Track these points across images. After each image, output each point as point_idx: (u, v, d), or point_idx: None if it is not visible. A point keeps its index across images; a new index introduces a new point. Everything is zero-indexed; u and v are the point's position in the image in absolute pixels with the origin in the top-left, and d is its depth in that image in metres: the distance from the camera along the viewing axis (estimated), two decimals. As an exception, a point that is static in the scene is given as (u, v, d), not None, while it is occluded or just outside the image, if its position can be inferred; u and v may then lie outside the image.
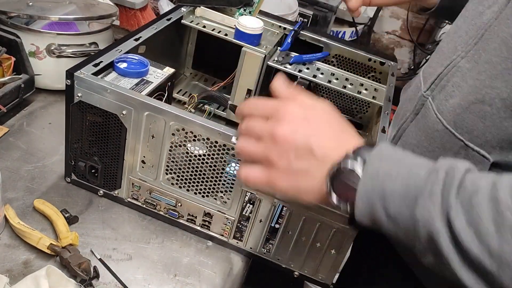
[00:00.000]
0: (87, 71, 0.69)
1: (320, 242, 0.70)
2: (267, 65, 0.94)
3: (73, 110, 0.71)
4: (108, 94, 0.67)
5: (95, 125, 0.71)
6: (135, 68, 0.76)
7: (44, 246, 0.67)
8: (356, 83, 0.95)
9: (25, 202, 0.75)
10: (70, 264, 0.64)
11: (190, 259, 0.73)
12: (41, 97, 0.98)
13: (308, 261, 0.73)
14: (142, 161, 0.72)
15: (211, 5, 0.98)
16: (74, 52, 0.96)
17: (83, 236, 0.71)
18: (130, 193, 0.77)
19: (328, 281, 0.74)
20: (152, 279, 0.69)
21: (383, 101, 0.88)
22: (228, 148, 0.66)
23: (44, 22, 0.99)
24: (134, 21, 1.18)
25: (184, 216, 0.76)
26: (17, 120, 0.91)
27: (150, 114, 0.67)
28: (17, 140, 0.86)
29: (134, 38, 0.81)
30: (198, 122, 0.66)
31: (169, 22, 0.90)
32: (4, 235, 0.69)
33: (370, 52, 1.00)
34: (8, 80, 0.89)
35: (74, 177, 0.78)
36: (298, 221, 0.69)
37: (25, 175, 0.80)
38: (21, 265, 0.66)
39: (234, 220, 0.73)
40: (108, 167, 0.75)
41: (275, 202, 0.68)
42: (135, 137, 0.70)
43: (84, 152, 0.75)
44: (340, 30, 2.15)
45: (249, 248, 0.75)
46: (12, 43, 0.90)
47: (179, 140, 0.68)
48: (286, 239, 0.72)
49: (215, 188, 0.71)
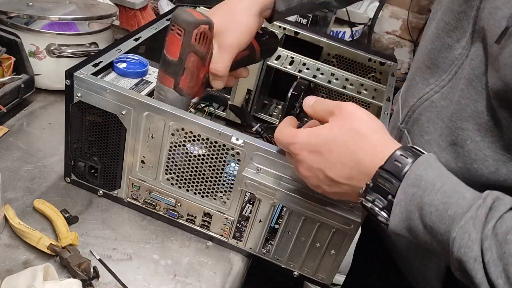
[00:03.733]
0: (87, 71, 0.69)
1: (320, 242, 0.70)
2: (267, 65, 0.94)
3: (72, 110, 0.71)
4: (108, 94, 0.67)
5: (94, 125, 0.71)
6: (134, 68, 0.76)
7: (44, 246, 0.67)
8: (356, 83, 0.95)
9: (25, 202, 0.75)
10: (70, 264, 0.64)
11: (190, 259, 0.73)
12: (41, 97, 0.98)
13: (307, 261, 0.73)
14: (141, 161, 0.72)
15: (211, 5, 0.98)
16: (74, 52, 0.96)
17: (83, 236, 0.71)
18: (130, 193, 0.77)
19: (328, 281, 0.74)
20: (152, 279, 0.69)
21: (383, 102, 0.88)
22: (228, 148, 0.66)
23: (44, 22, 0.99)
24: (134, 21, 1.18)
25: (183, 216, 0.76)
26: (17, 120, 0.91)
27: (150, 114, 0.67)
28: (17, 140, 0.86)
29: (134, 38, 0.81)
30: (197, 122, 0.66)
31: (169, 22, 0.90)
32: (4, 235, 0.69)
33: (370, 52, 1.00)
34: (8, 80, 0.89)
35: (74, 177, 0.78)
36: (297, 221, 0.69)
37: (25, 175, 0.80)
38: (21, 265, 0.66)
39: (233, 220, 0.73)
40: (108, 167, 0.75)
41: (275, 202, 0.68)
42: (135, 137, 0.70)
43: (83, 152, 0.75)
44: (340, 30, 2.15)
45: (248, 248, 0.75)
46: (12, 43, 0.90)
47: (179, 140, 0.68)
48: (285, 239, 0.72)
49: (215, 188, 0.71)
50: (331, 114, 0.54)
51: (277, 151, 0.65)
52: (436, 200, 0.45)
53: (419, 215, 0.46)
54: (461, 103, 0.54)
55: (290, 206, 0.67)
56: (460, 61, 0.56)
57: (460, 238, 0.43)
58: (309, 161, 0.54)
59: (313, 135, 0.53)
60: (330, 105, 0.54)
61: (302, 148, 0.54)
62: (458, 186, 0.46)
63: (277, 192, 0.66)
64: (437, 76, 0.59)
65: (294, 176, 0.65)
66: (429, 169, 0.47)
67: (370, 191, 0.49)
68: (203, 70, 0.68)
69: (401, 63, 2.70)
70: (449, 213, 0.44)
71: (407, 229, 0.48)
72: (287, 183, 0.66)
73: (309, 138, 0.54)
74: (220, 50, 0.68)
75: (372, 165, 0.50)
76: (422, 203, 0.46)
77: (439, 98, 0.58)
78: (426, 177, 0.47)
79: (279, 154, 0.64)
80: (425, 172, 0.47)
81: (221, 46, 0.68)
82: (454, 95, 0.56)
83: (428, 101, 0.59)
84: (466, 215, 0.43)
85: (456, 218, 0.44)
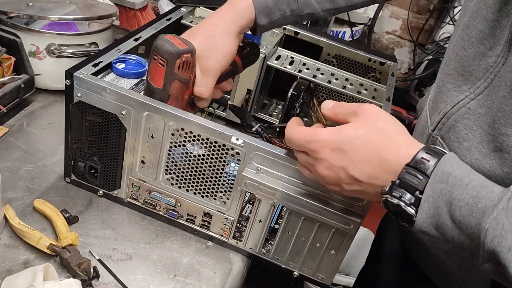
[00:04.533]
0: (87, 71, 0.69)
1: (320, 242, 0.70)
2: (267, 65, 0.94)
3: (72, 110, 0.71)
4: (108, 94, 0.67)
5: (94, 125, 0.71)
6: (133, 68, 0.76)
7: (44, 246, 0.67)
8: (356, 83, 0.95)
9: (25, 202, 0.75)
10: (70, 264, 0.64)
11: (190, 259, 0.73)
12: (41, 97, 0.98)
13: (307, 261, 0.73)
14: (141, 161, 0.72)
15: (211, 5, 0.98)
16: (74, 52, 0.96)
17: (83, 236, 0.72)
18: (130, 193, 0.77)
19: (328, 281, 0.74)
20: (152, 279, 0.69)
21: (383, 102, 0.88)
22: (227, 148, 0.66)
23: (44, 22, 0.99)
24: (134, 21, 1.18)
25: (183, 216, 0.76)
26: (17, 120, 0.91)
27: (150, 114, 0.67)
28: (17, 140, 0.86)
29: (134, 38, 0.81)
30: (197, 122, 0.66)
31: (169, 22, 0.90)
32: (4, 235, 0.69)
33: (370, 52, 1.00)
34: (8, 80, 0.89)
35: (74, 177, 0.78)
36: (297, 221, 0.69)
37: (25, 175, 0.80)
38: (21, 265, 0.66)
39: (233, 220, 0.73)
40: (108, 167, 0.75)
41: (275, 202, 0.68)
42: (135, 137, 0.70)
43: (83, 152, 0.75)
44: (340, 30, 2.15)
45: (248, 248, 0.75)
46: (12, 43, 0.90)
47: (179, 140, 0.68)
48: (285, 239, 0.72)
49: (215, 188, 0.71)
50: (353, 115, 0.55)
51: (285, 153, 0.65)
52: (465, 194, 0.46)
53: (447, 210, 0.47)
54: (505, 110, 0.54)
55: (290, 206, 0.67)
56: (496, 68, 0.56)
57: (493, 229, 0.44)
58: (331, 159, 0.54)
59: (335, 133, 0.54)
60: (351, 107, 0.55)
61: (325, 146, 0.54)
62: (486, 181, 0.48)
63: (277, 192, 0.66)
64: (471, 84, 0.59)
65: (303, 178, 0.65)
66: (455, 166, 0.49)
67: (396, 188, 0.50)
68: (187, 92, 0.69)
69: (401, 63, 2.70)
70: (479, 206, 0.45)
71: (433, 226, 0.49)
72: (287, 183, 0.66)
73: (332, 136, 0.54)
74: (203, 74, 0.69)
75: (397, 164, 0.51)
76: (451, 198, 0.47)
77: (476, 105, 0.57)
78: (453, 174, 0.48)
79: (279, 154, 0.64)
80: (452, 169, 0.48)
81: (204, 70, 0.69)
82: (493, 102, 0.55)
83: (464, 108, 0.59)
84: (497, 207, 0.44)
85: (487, 211, 0.45)
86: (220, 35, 0.69)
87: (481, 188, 0.47)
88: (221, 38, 0.69)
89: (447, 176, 0.48)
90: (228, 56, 0.70)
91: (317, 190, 0.65)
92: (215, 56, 0.69)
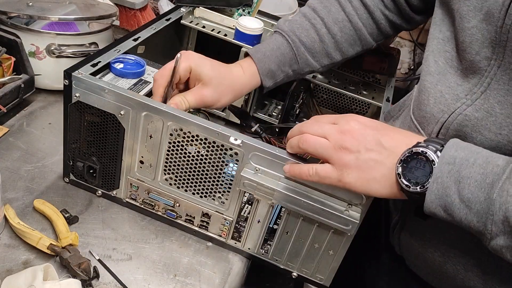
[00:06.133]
0: (85, 71, 0.69)
1: (318, 243, 0.70)
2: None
3: (71, 110, 0.71)
4: (106, 94, 0.67)
5: (93, 125, 0.71)
6: (131, 68, 0.76)
7: (44, 246, 0.67)
8: (355, 84, 0.95)
9: (25, 202, 0.75)
10: (70, 264, 0.65)
11: (190, 259, 0.73)
12: (41, 97, 0.99)
13: (306, 262, 0.73)
14: (140, 161, 0.72)
15: (211, 5, 0.98)
16: (74, 52, 0.96)
17: (83, 236, 0.72)
18: (128, 193, 0.77)
19: (327, 282, 0.74)
20: (152, 279, 0.69)
21: (383, 102, 0.88)
22: (226, 149, 0.66)
23: (44, 22, 0.99)
24: (134, 21, 1.18)
25: (182, 217, 0.76)
26: (17, 120, 0.91)
27: (148, 114, 0.67)
28: (17, 140, 0.86)
29: (133, 38, 0.81)
30: (196, 122, 0.66)
31: (169, 22, 0.90)
32: (4, 235, 0.70)
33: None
34: (8, 80, 0.89)
35: (73, 177, 0.79)
36: (296, 222, 0.69)
37: (25, 175, 0.80)
38: (21, 265, 0.66)
39: (232, 220, 0.73)
40: (106, 167, 0.75)
41: (273, 203, 0.68)
42: (133, 137, 0.70)
43: (82, 152, 0.75)
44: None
45: (247, 249, 0.75)
46: (12, 43, 0.90)
47: (177, 140, 0.68)
48: (284, 240, 0.72)
49: (213, 189, 0.71)
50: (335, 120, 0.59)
51: (284, 154, 0.65)
52: (473, 172, 0.49)
53: (456, 189, 0.50)
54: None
55: (288, 206, 0.67)
56: (491, 72, 0.55)
57: (499, 196, 0.47)
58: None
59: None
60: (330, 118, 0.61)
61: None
62: (490, 157, 0.50)
63: (276, 193, 0.66)
64: (467, 90, 0.58)
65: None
66: (459, 150, 0.52)
67: (422, 142, 0.54)
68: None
69: (401, 63, 2.70)
70: (487, 181, 0.48)
71: (442, 207, 0.51)
72: (285, 184, 0.66)
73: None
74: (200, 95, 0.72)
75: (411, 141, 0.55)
76: (460, 177, 0.50)
77: (473, 110, 0.57)
78: (459, 156, 0.51)
79: (277, 154, 0.64)
80: (457, 153, 0.51)
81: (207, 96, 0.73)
82: (493, 107, 0.55)
83: (461, 116, 0.58)
84: (502, 177, 0.48)
85: (494, 183, 0.48)
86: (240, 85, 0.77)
87: (486, 165, 0.49)
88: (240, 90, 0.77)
89: (453, 158, 0.51)
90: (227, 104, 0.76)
91: (316, 191, 0.65)
92: (224, 99, 0.74)
